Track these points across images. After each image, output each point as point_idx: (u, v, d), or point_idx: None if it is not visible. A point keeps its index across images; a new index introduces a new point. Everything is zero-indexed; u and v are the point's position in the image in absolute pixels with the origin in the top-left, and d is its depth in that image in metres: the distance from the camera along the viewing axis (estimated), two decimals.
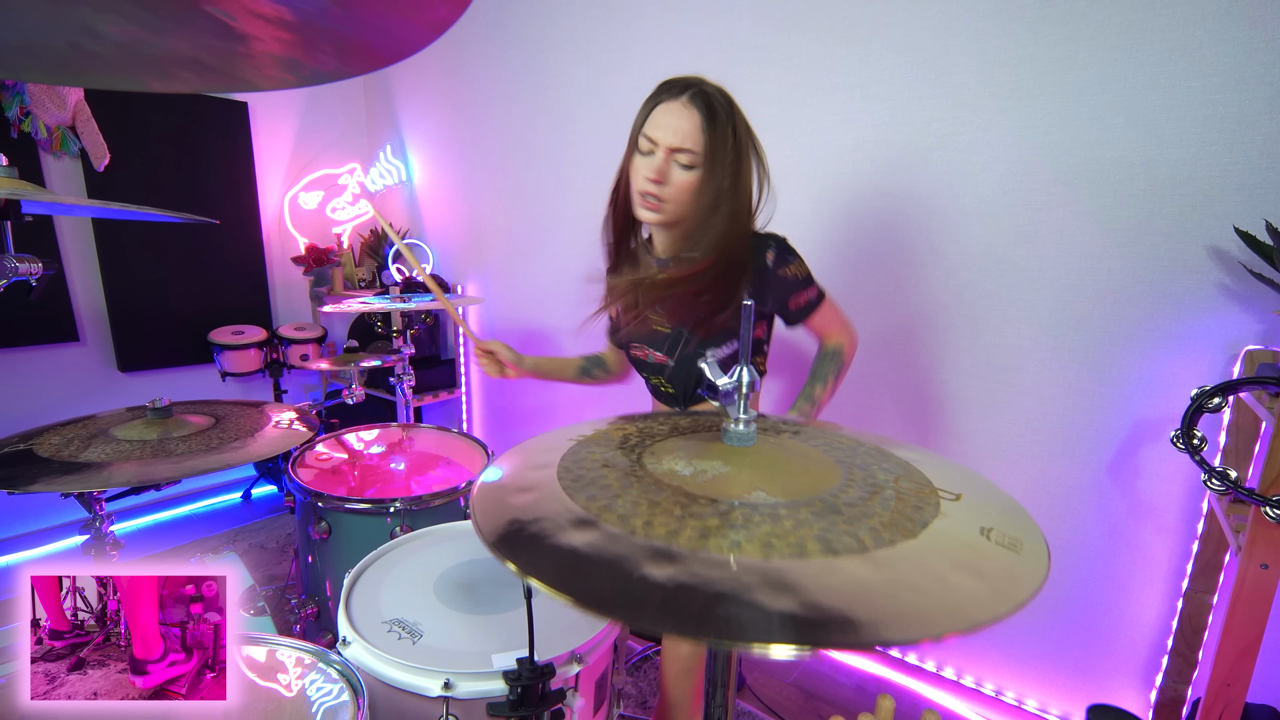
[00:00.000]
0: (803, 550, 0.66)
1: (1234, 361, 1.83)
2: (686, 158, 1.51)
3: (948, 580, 0.64)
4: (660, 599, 0.59)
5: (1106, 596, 2.14)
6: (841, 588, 0.61)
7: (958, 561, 0.67)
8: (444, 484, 2.21)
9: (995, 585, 0.63)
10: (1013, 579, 0.64)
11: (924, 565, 0.66)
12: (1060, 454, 2.15)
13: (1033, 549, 0.70)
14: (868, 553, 0.67)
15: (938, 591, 0.62)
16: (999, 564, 0.67)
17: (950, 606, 0.60)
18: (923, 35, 2.23)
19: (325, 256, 4.35)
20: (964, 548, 0.70)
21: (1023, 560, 0.68)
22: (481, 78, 3.82)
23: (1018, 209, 2.12)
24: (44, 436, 1.64)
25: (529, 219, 3.74)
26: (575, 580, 0.62)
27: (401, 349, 2.64)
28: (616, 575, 0.63)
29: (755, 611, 0.58)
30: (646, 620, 0.57)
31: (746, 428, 0.90)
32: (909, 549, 0.68)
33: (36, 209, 1.39)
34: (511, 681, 1.07)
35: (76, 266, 3.58)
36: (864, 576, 0.63)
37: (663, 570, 0.63)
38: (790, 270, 1.63)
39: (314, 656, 1.21)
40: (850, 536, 0.69)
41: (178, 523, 3.90)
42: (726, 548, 0.67)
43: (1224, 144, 1.78)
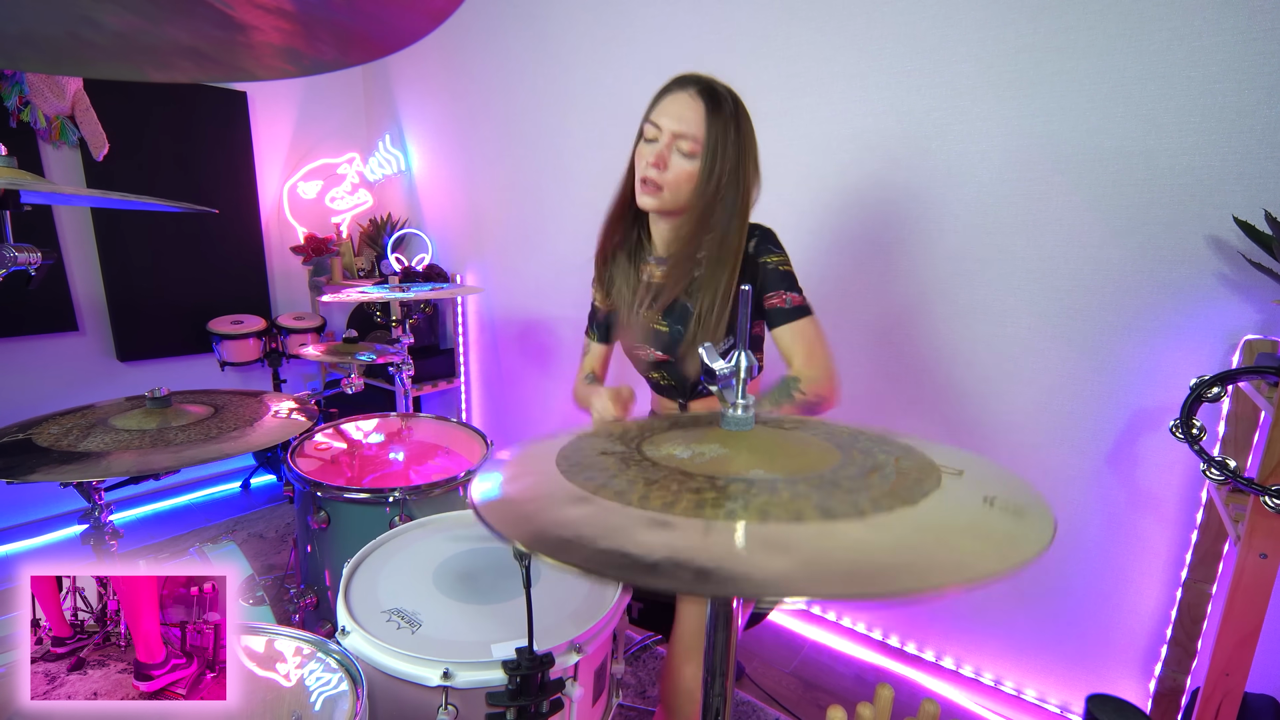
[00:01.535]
0: (800, 516, 0.66)
1: (1233, 351, 1.83)
2: (688, 144, 1.53)
3: (947, 541, 0.63)
4: (655, 561, 0.59)
5: (1105, 586, 2.14)
6: (837, 548, 0.61)
7: (959, 526, 0.66)
8: (443, 473, 2.21)
9: (997, 547, 0.62)
10: (1015, 541, 0.62)
11: (924, 528, 0.65)
12: (1059, 443, 2.15)
13: (1037, 516, 0.68)
14: (866, 517, 0.66)
15: (938, 551, 0.61)
16: (1002, 528, 0.66)
17: (950, 564, 0.59)
18: (922, 25, 2.22)
19: (324, 246, 4.35)
20: (966, 513, 0.69)
21: (1027, 525, 0.66)
22: (481, 67, 3.81)
23: (1017, 198, 2.12)
24: (43, 426, 1.64)
25: (528, 209, 3.73)
26: (567, 549, 0.62)
27: (400, 338, 2.63)
28: (611, 542, 0.62)
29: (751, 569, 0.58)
30: (639, 576, 0.57)
31: (745, 412, 0.90)
32: (908, 514, 0.67)
33: (35, 198, 1.39)
34: (510, 671, 1.07)
35: (75, 256, 3.58)
36: (862, 537, 0.62)
37: (657, 536, 0.63)
38: (772, 260, 1.61)
39: (313, 646, 1.21)
40: (849, 505, 0.68)
41: (177, 512, 3.90)
42: (723, 516, 0.66)
43: (1223, 133, 1.78)
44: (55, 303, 3.52)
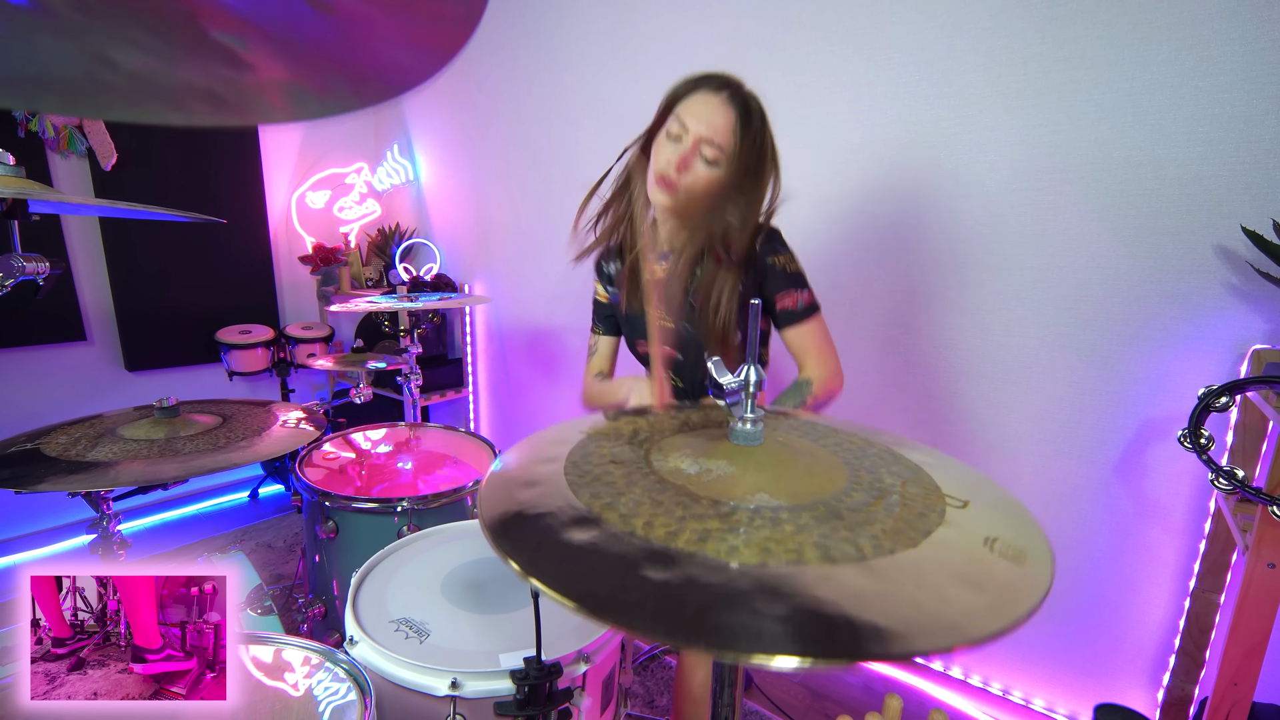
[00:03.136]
0: (800, 557, 0.66)
1: (1241, 361, 1.83)
2: (712, 152, 1.52)
3: (944, 593, 0.63)
4: (654, 605, 0.59)
5: (1113, 596, 2.13)
6: (834, 598, 0.60)
7: (957, 574, 0.66)
8: (451, 483, 2.21)
9: (993, 599, 0.61)
10: (1012, 594, 0.62)
11: (922, 577, 0.65)
12: (1067, 453, 2.15)
13: (1037, 562, 0.68)
14: (865, 561, 0.66)
15: (932, 604, 0.61)
16: (999, 577, 0.66)
17: (943, 621, 0.58)
18: (930, 34, 2.22)
19: (332, 256, 4.36)
20: (965, 559, 0.69)
21: (1025, 574, 0.66)
22: (490, 77, 3.82)
23: (1025, 208, 2.12)
24: (51, 435, 1.64)
25: (537, 218, 3.74)
26: (575, 582, 0.62)
27: (408, 348, 2.64)
28: (614, 578, 0.62)
29: (748, 620, 0.57)
30: (640, 627, 0.57)
31: (753, 427, 0.89)
32: (908, 559, 0.67)
33: (44, 208, 1.40)
34: (519, 681, 1.07)
35: (84, 266, 3.60)
36: (859, 586, 0.62)
37: (659, 574, 0.62)
38: (780, 260, 1.60)
39: (321, 656, 1.22)
40: (850, 544, 0.68)
41: (185, 522, 3.91)
42: (725, 552, 0.66)
43: (1231, 143, 1.78)
44: (63, 312, 3.54)
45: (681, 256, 1.63)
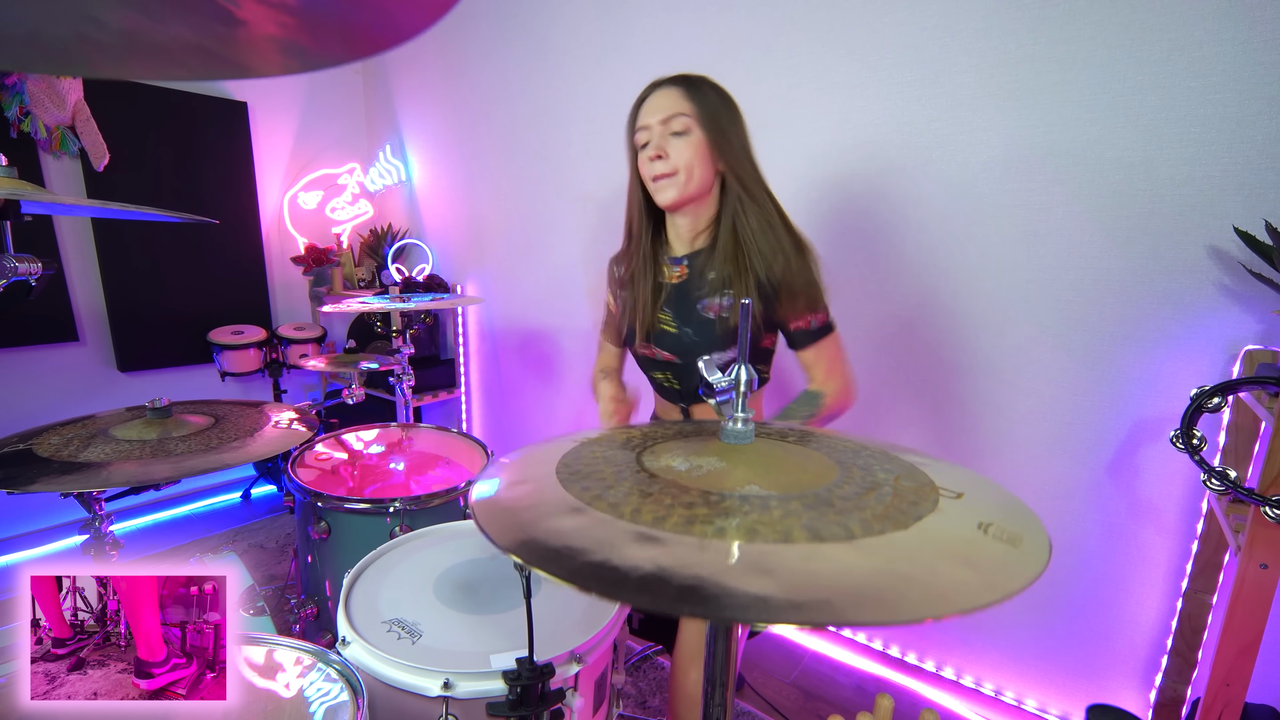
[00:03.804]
0: (787, 536, 0.65)
1: (1233, 361, 1.83)
2: (679, 123, 1.56)
3: (935, 568, 0.62)
4: (639, 577, 0.59)
5: (1106, 596, 2.14)
6: (821, 572, 0.60)
7: (950, 552, 0.65)
8: (443, 484, 2.21)
9: (987, 576, 0.60)
10: (1007, 571, 0.61)
11: (912, 554, 0.64)
12: (1059, 453, 2.15)
13: (1033, 545, 0.67)
14: (854, 540, 0.65)
15: (923, 578, 0.60)
16: (994, 556, 0.65)
17: (934, 592, 0.58)
18: (922, 35, 2.23)
19: (325, 256, 4.35)
20: (959, 540, 0.68)
21: (1021, 554, 0.65)
22: (482, 77, 3.82)
23: (1017, 209, 2.12)
24: (43, 436, 1.64)
25: (529, 219, 3.74)
26: (558, 559, 0.62)
27: (401, 349, 2.63)
28: (599, 554, 0.62)
29: (732, 590, 0.57)
30: (625, 594, 0.57)
31: (744, 426, 0.89)
32: (899, 538, 0.66)
33: (36, 209, 1.39)
34: (511, 681, 1.07)
35: (76, 266, 3.59)
36: (847, 562, 0.62)
37: (645, 551, 0.62)
38: (801, 281, 1.60)
39: (313, 656, 1.21)
40: (839, 526, 0.68)
41: (177, 522, 3.90)
42: (712, 533, 0.66)
43: (1223, 143, 1.78)
44: (56, 313, 3.53)
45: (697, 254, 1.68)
